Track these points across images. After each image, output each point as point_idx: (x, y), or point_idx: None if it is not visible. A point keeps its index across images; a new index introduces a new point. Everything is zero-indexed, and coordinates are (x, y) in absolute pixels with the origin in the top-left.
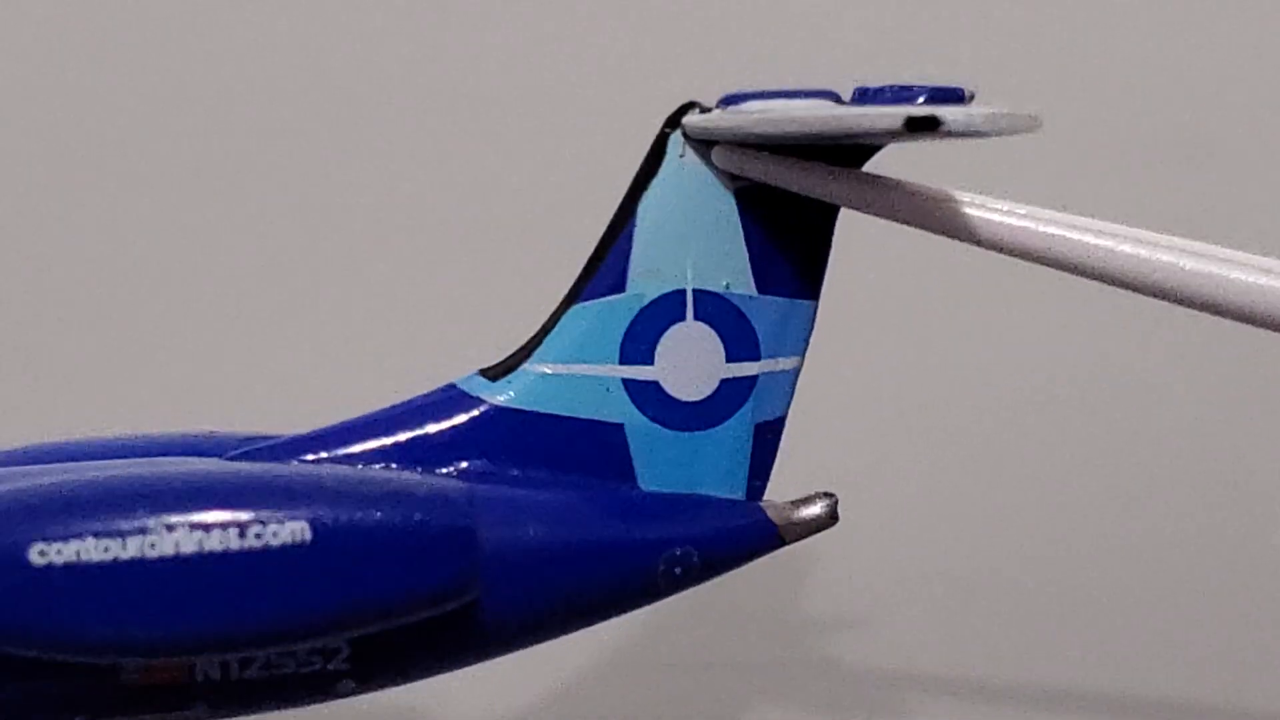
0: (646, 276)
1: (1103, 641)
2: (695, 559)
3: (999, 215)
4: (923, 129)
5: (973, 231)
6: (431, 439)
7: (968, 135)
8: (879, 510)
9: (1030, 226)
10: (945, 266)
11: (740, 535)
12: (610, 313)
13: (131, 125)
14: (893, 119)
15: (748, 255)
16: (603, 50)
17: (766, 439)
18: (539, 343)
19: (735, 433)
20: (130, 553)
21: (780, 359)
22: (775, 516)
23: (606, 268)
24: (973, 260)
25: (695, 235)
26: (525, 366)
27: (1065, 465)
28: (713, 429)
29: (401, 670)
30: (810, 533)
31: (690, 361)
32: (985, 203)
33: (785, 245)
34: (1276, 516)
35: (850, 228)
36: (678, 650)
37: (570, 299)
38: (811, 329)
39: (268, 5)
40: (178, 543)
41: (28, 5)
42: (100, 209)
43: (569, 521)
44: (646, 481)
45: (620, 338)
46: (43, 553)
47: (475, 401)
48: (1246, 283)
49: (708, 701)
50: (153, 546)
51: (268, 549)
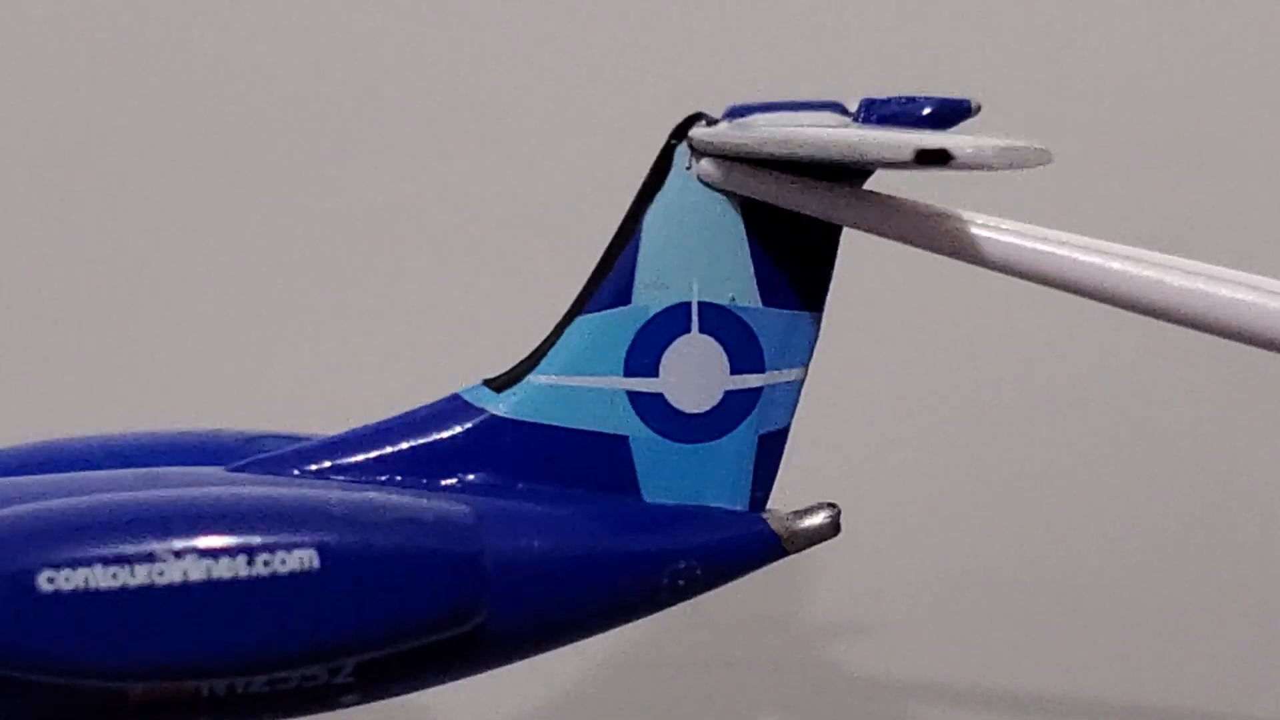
0: (652, 289)
1: (1105, 647)
2: (698, 570)
3: (989, 232)
4: (933, 161)
5: (970, 252)
6: (435, 450)
7: (977, 169)
8: (878, 514)
9: (1020, 244)
10: (945, 271)
11: (743, 546)
12: (615, 325)
13: (134, 124)
14: (902, 149)
15: (753, 268)
16: (613, 53)
17: (770, 450)
18: (543, 354)
19: (739, 444)
20: (139, 580)
21: (784, 371)
22: (777, 527)
23: (612, 280)
24: (973, 267)
25: (701, 248)
26: (529, 378)
27: (1068, 469)
28: (717, 440)
29: (405, 683)
30: (812, 543)
31: (695, 374)
32: (977, 220)
33: (790, 258)
34: (1274, 516)
35: (852, 234)
36: (675, 650)
37: (575, 310)
38: (815, 340)
39: (271, 5)
40: (186, 570)
41: (25, 4)
42: (103, 208)
43: (572, 534)
44: (650, 493)
45: (625, 350)
46: (51, 579)
47: (479, 413)
48: (1232, 299)
49: (704, 701)
50: (161, 574)
51: (276, 576)
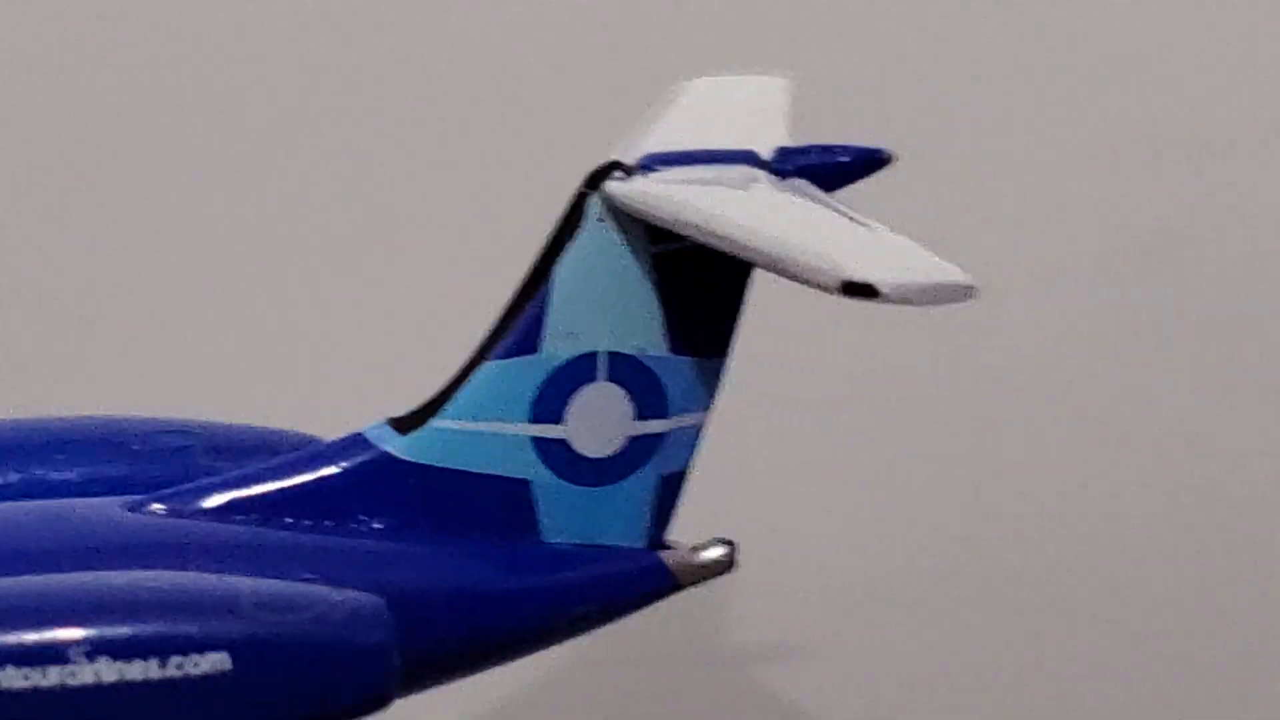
0: (561, 339)
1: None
2: (595, 606)
3: None
4: (859, 294)
5: None
6: (337, 490)
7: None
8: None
9: None
10: None
11: (637, 583)
12: (522, 372)
13: (126, 121)
14: (828, 279)
15: (662, 317)
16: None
17: (669, 490)
18: (449, 398)
19: (640, 486)
20: (51, 681)
21: (688, 415)
22: (672, 563)
23: (520, 328)
24: None
25: (611, 299)
26: (433, 421)
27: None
28: (618, 483)
29: None
30: (708, 577)
31: (600, 420)
32: None
33: (700, 307)
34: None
35: None
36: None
37: (481, 355)
38: (720, 384)
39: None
40: (98, 672)
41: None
42: (92, 204)
43: (470, 575)
44: (549, 534)
45: (531, 397)
46: None
47: (383, 455)
48: None
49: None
50: (73, 676)
51: (188, 678)
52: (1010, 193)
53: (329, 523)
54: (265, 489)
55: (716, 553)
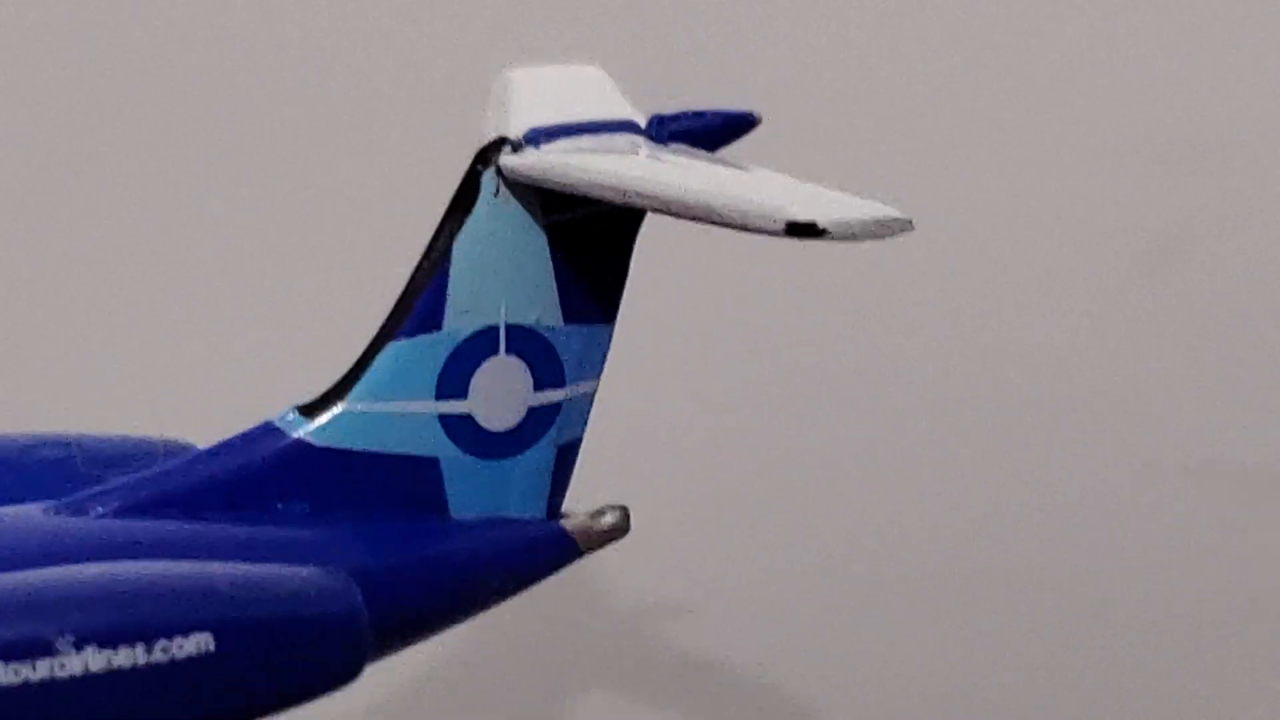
0: (462, 315)
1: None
2: (505, 578)
3: None
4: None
5: None
6: (256, 482)
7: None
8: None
9: None
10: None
11: (541, 551)
12: (426, 350)
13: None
14: (773, 222)
15: (556, 289)
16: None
17: (566, 459)
18: (355, 379)
19: (540, 457)
20: (41, 675)
21: (582, 383)
22: (573, 529)
23: (422, 305)
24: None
25: (509, 273)
26: (341, 405)
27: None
28: (520, 455)
29: None
30: (605, 542)
31: (502, 393)
32: None
33: (589, 277)
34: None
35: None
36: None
37: (384, 335)
38: (608, 351)
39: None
40: (87, 662)
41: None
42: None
43: (384, 554)
44: (457, 509)
45: (436, 374)
46: None
47: (293, 441)
48: None
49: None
50: (63, 667)
51: (174, 661)
52: (1013, 193)
53: (252, 512)
54: (185, 484)
55: (611, 517)
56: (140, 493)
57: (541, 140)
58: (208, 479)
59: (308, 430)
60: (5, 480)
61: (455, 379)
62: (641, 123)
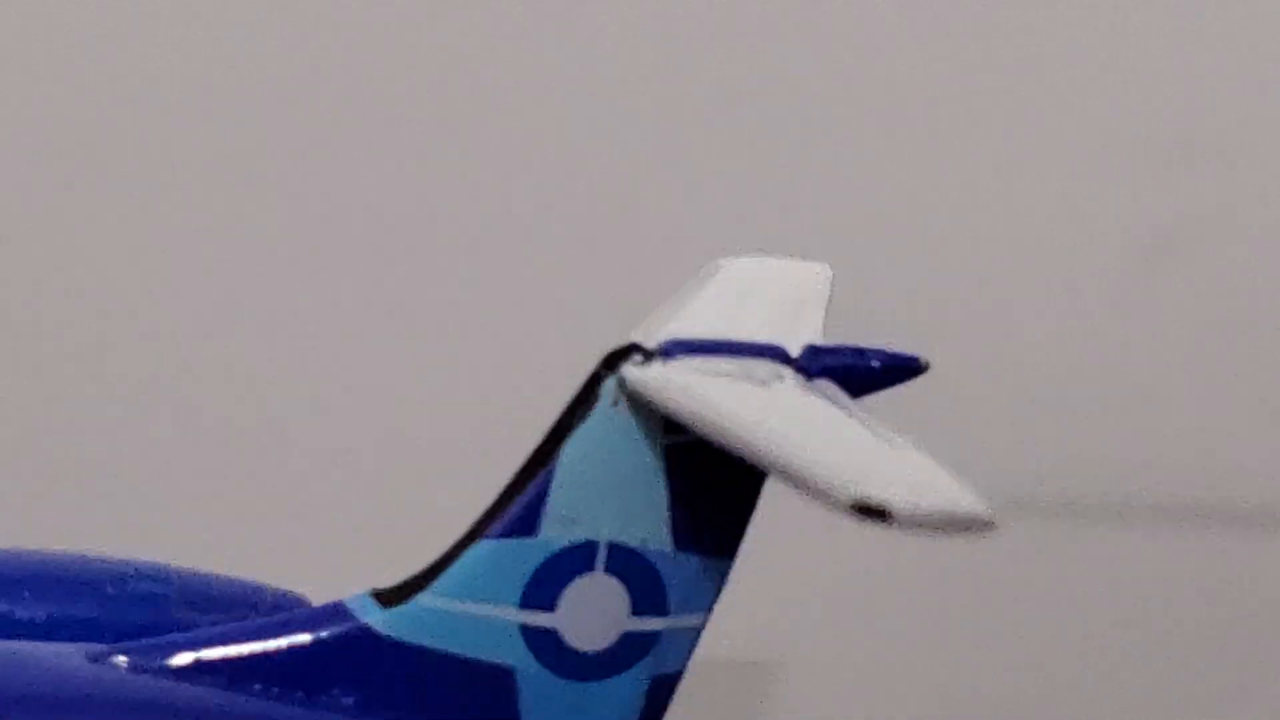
0: (560, 524)
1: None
2: None
3: None
4: (871, 516)
5: None
6: (311, 661)
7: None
8: None
9: None
10: None
11: None
12: (517, 555)
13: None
14: (839, 497)
15: (669, 512)
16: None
17: (660, 693)
18: (437, 573)
19: (629, 686)
20: None
21: (687, 615)
22: None
23: (519, 508)
24: None
25: (617, 488)
26: (419, 597)
27: None
28: (606, 680)
29: None
30: None
31: (593, 613)
32: None
33: (709, 505)
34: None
35: None
36: None
37: (476, 533)
38: (723, 587)
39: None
40: None
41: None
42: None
43: None
44: None
45: (524, 582)
46: None
47: (362, 627)
48: None
49: None
50: None
51: None
52: (1016, 194)
53: (299, 693)
54: (235, 651)
55: None
56: (190, 651)
57: (677, 353)
58: (262, 650)
59: (379, 618)
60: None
61: (544, 590)
62: (796, 350)
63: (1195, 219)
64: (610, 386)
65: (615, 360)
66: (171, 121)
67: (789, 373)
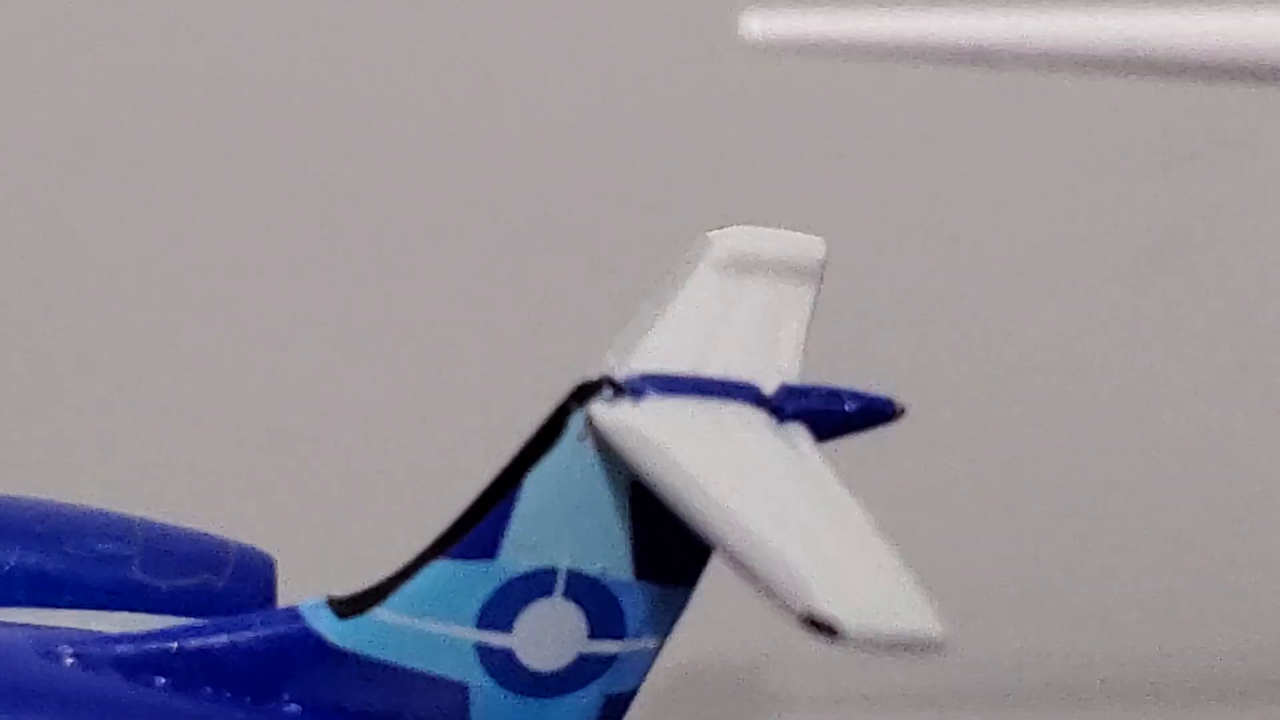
0: (520, 550)
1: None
2: None
3: None
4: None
5: None
6: (261, 667)
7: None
8: None
9: None
10: None
11: None
12: (475, 577)
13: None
14: (792, 605)
15: (631, 544)
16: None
17: (614, 710)
18: (394, 588)
19: (583, 703)
20: None
21: (644, 639)
22: None
23: (480, 532)
24: None
25: (580, 519)
26: (376, 611)
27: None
28: (561, 697)
29: None
30: None
31: (550, 635)
32: None
33: (672, 538)
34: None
35: None
36: None
37: (435, 551)
38: (681, 613)
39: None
40: None
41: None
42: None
43: None
44: None
45: (481, 603)
46: None
47: (314, 636)
48: None
49: None
50: None
51: None
52: (1018, 193)
53: (248, 698)
54: (186, 648)
55: None
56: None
57: (648, 391)
58: (212, 650)
59: (332, 628)
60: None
61: (501, 612)
62: (771, 388)
63: (1195, 219)
64: (578, 420)
65: (585, 393)
66: (171, 121)
67: (760, 416)
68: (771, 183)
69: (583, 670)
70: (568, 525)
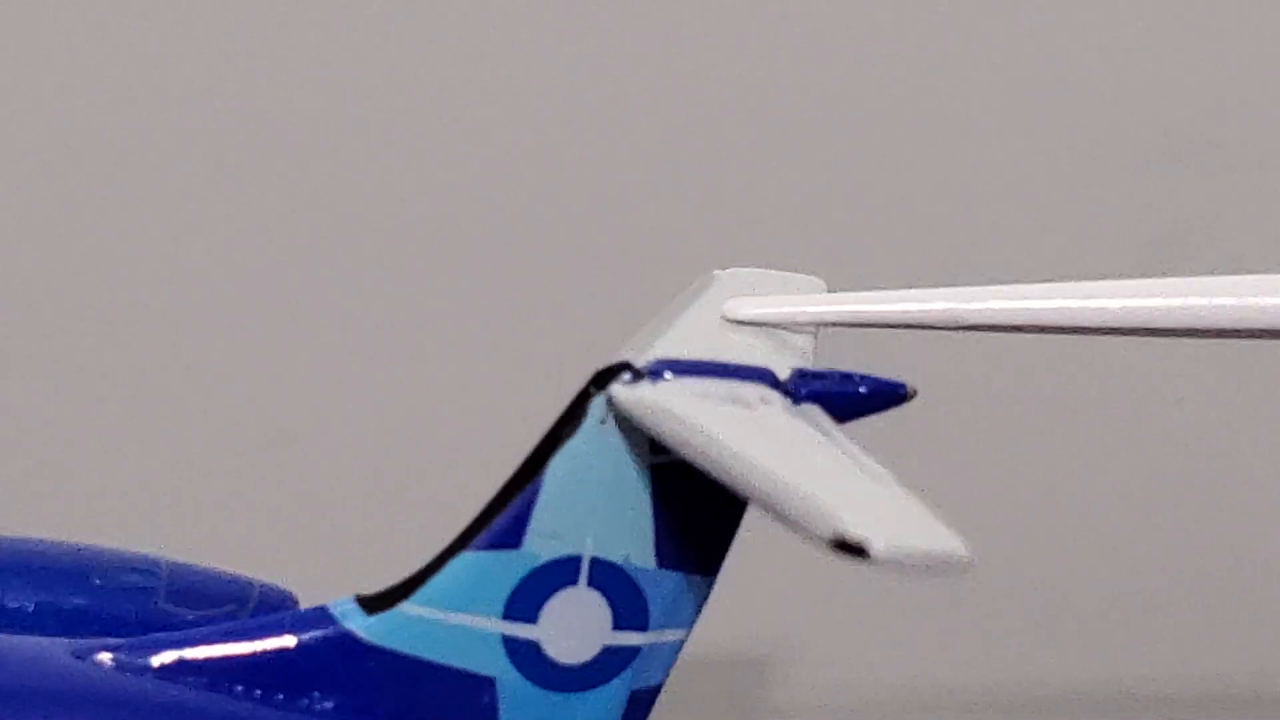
0: (544, 538)
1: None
2: None
3: None
4: (849, 552)
5: None
6: (292, 664)
7: (894, 570)
8: None
9: None
10: None
11: None
12: (501, 567)
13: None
14: (820, 531)
15: (653, 530)
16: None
17: (640, 706)
18: (422, 583)
19: (609, 698)
20: None
21: (669, 631)
22: None
23: (504, 521)
24: None
25: (602, 505)
26: (403, 606)
27: None
28: (587, 692)
29: None
30: None
31: (575, 626)
32: None
33: (693, 525)
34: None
35: None
36: None
37: (460, 544)
38: (705, 603)
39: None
40: None
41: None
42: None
43: None
44: None
45: (507, 594)
46: None
47: (344, 633)
48: None
49: None
50: None
51: None
52: (1017, 192)
53: (280, 696)
54: (219, 652)
55: None
56: (173, 650)
57: (666, 373)
58: (245, 652)
59: (361, 624)
60: (79, 599)
61: (527, 603)
62: (785, 373)
63: (1195, 220)
64: (599, 404)
65: (604, 378)
66: (171, 122)
67: (776, 396)
68: (768, 184)
69: (608, 663)
70: (591, 512)
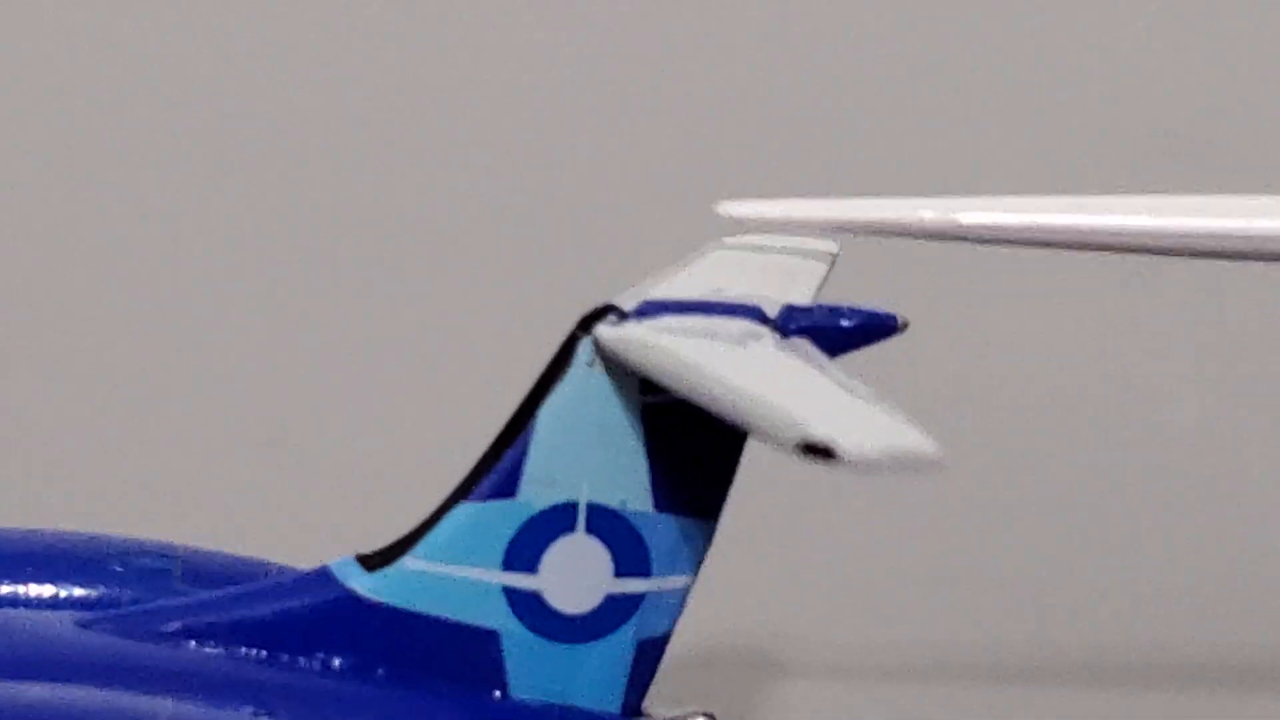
0: (539, 485)
1: None
2: None
3: None
4: (817, 455)
5: None
6: (296, 625)
7: (863, 469)
8: None
9: None
10: None
11: None
12: (498, 517)
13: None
14: (787, 437)
15: (649, 473)
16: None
17: (648, 655)
18: (420, 537)
19: (616, 648)
20: None
21: (671, 577)
22: None
23: (499, 470)
24: None
25: (595, 448)
26: (402, 560)
27: None
28: (593, 642)
29: None
30: None
31: (576, 574)
32: None
33: (690, 465)
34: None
35: None
36: None
37: (457, 496)
38: (708, 548)
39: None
40: None
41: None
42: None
43: None
44: (518, 689)
45: (506, 544)
46: None
47: (345, 591)
48: None
49: None
50: None
51: None
52: (1017, 191)
53: (285, 657)
54: (223, 616)
55: None
56: (179, 617)
57: (651, 313)
58: (250, 615)
59: (363, 582)
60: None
61: (526, 552)
62: (773, 311)
63: None
64: (586, 347)
65: (591, 321)
66: (171, 122)
67: (765, 331)
68: (767, 183)
69: (612, 612)
70: (584, 456)
